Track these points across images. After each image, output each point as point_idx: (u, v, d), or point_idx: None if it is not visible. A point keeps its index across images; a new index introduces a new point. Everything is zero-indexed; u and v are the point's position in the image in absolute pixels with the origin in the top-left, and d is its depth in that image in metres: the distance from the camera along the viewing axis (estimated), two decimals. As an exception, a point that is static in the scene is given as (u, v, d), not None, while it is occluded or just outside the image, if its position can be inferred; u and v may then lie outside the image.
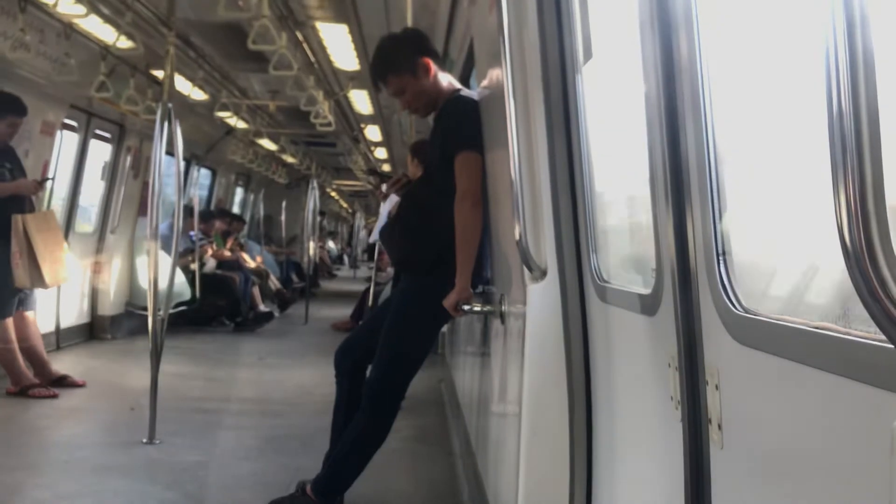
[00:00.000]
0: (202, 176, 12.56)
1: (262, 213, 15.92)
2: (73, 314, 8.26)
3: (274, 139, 13.11)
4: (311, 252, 14.12)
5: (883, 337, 0.82)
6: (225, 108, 9.80)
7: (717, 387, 1.41)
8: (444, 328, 6.24)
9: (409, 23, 5.59)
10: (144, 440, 4.75)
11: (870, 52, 0.72)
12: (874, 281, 0.71)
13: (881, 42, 0.74)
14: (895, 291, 0.71)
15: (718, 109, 1.41)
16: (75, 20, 6.24)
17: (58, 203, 7.78)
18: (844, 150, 0.72)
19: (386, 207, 4.17)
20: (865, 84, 0.72)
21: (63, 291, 7.73)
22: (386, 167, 16.64)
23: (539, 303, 2.40)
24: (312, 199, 13.39)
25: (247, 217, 15.21)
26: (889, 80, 0.77)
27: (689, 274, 1.51)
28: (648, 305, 1.76)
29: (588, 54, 2.27)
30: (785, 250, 1.33)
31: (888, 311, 0.71)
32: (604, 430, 2.24)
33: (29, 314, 6.09)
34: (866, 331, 0.95)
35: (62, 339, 7.94)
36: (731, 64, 1.42)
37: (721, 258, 1.39)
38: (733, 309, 1.34)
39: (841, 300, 1.05)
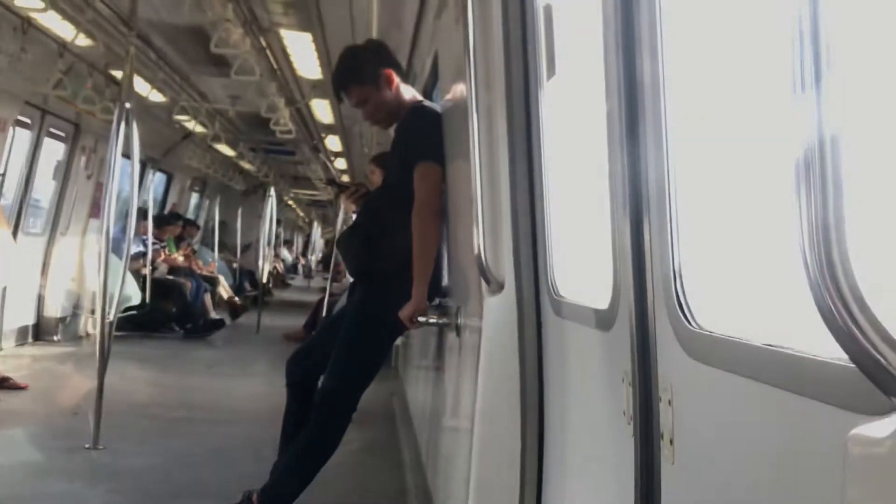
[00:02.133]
0: (156, 180, 12.38)
1: (216, 219, 15.71)
2: (18, 315, 8.06)
3: (232, 145, 12.99)
4: (269, 261, 13.97)
5: (837, 354, 0.83)
6: (184, 111, 9.68)
7: (669, 402, 1.42)
8: (399, 341, 6.21)
9: (375, 34, 5.59)
10: (87, 445, 4.64)
11: (834, 74, 0.74)
12: (835, 298, 0.72)
13: (845, 58, 0.76)
14: (855, 309, 0.72)
15: (679, 130, 1.43)
16: (33, 14, 6.12)
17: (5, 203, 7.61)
18: (808, 169, 0.73)
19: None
20: (829, 106, 0.73)
21: (8, 291, 7.55)
22: (345, 178, 16.57)
23: (495, 316, 2.40)
24: (270, 207, 13.27)
25: (201, 223, 15.01)
26: (855, 97, 0.78)
27: (645, 290, 1.52)
28: (604, 320, 1.77)
29: (552, 70, 2.29)
30: (742, 268, 1.35)
31: (848, 329, 0.72)
32: (555, 445, 2.25)
33: (-28, 313, 5.94)
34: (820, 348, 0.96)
35: (5, 339, 7.74)
36: (693, 84, 1.44)
37: (677, 275, 1.40)
38: (688, 325, 1.35)
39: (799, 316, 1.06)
